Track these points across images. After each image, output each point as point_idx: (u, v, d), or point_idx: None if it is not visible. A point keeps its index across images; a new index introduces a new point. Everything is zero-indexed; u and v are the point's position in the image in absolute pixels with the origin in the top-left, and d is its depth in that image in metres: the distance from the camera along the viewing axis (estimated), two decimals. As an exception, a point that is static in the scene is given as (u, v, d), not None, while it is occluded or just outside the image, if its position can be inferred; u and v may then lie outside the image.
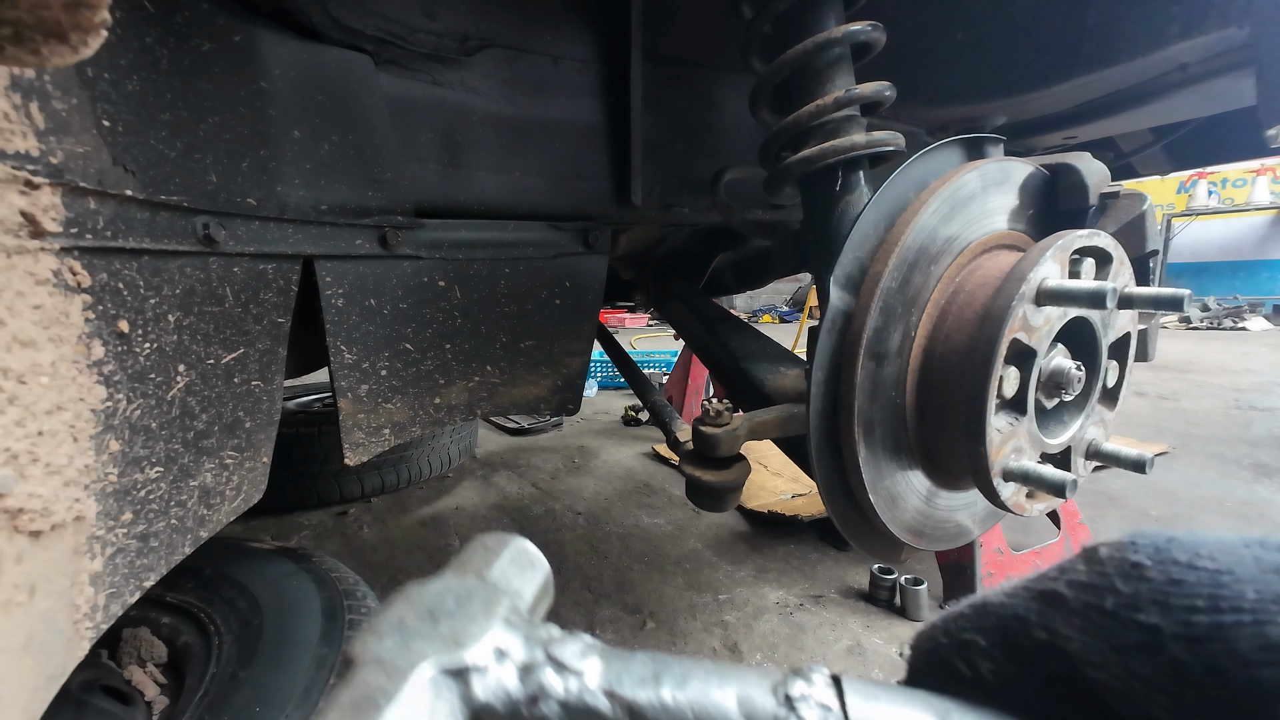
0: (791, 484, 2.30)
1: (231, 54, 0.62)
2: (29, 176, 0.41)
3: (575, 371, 1.05)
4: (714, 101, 1.05)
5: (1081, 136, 1.28)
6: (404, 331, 0.85)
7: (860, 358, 0.54)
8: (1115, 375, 0.64)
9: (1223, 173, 10.35)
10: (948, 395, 0.57)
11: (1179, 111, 1.15)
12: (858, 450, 0.56)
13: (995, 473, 0.55)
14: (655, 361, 4.83)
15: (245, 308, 0.66)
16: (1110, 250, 0.58)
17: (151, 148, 0.54)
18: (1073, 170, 0.64)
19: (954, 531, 0.69)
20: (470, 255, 0.90)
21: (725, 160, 1.04)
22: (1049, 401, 0.60)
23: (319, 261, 0.74)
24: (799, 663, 1.42)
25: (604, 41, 0.94)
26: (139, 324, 0.52)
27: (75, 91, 0.46)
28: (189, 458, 0.59)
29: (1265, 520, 2.09)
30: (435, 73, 0.83)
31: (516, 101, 0.90)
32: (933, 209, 0.55)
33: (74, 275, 0.45)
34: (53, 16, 0.27)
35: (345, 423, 0.83)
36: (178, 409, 0.57)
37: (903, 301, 0.56)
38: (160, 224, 0.55)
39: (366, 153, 0.76)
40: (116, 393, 0.49)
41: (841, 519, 0.62)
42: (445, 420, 0.94)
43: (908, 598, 1.55)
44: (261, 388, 0.69)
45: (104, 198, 0.48)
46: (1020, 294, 0.52)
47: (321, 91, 0.71)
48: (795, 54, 0.70)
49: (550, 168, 0.94)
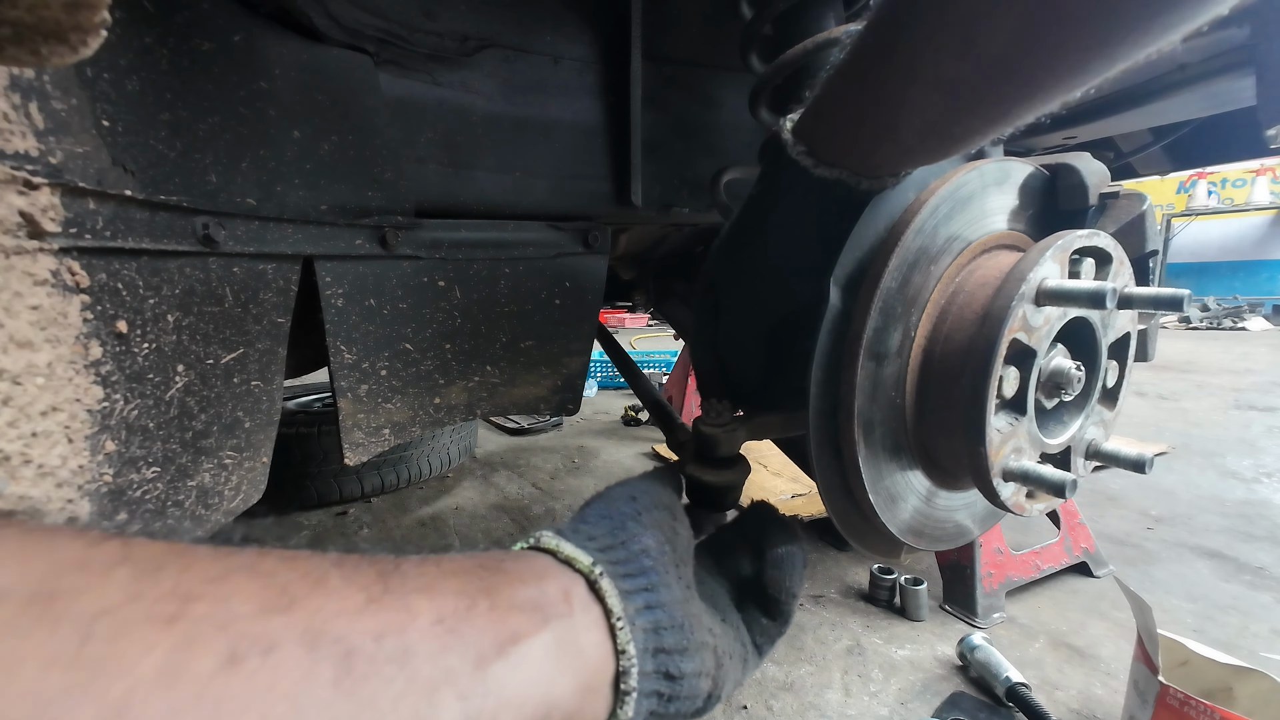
0: (791, 484, 2.30)
1: (231, 54, 0.62)
2: (28, 176, 0.41)
3: (575, 371, 1.05)
4: (714, 101, 1.05)
5: (1081, 136, 1.28)
6: (404, 331, 0.85)
7: (860, 358, 0.54)
8: (1115, 375, 0.64)
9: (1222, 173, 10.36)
10: (948, 395, 0.57)
11: (1179, 111, 1.15)
12: (857, 450, 0.56)
13: (995, 473, 0.55)
14: (655, 361, 4.83)
15: (245, 308, 0.66)
16: (1110, 250, 0.58)
17: (151, 148, 0.54)
18: (1072, 170, 0.64)
19: (954, 531, 0.69)
20: (470, 255, 0.89)
21: (725, 160, 1.04)
22: (1049, 402, 0.60)
23: (319, 261, 0.74)
24: (799, 662, 1.42)
25: (604, 41, 0.94)
26: (138, 324, 0.52)
27: (75, 91, 0.46)
28: (187, 458, 0.59)
29: (1265, 520, 2.09)
30: (435, 73, 0.83)
31: (516, 101, 0.90)
32: (932, 209, 0.55)
33: (73, 275, 0.45)
34: (52, 16, 0.27)
35: (345, 423, 0.83)
36: (176, 409, 0.57)
37: (902, 302, 0.56)
38: (160, 224, 0.55)
39: (366, 153, 0.76)
40: (114, 393, 0.49)
41: (841, 519, 0.62)
42: (445, 420, 0.94)
43: (907, 598, 1.55)
44: (261, 388, 0.69)
45: (103, 198, 0.48)
46: (1020, 294, 0.52)
47: (321, 91, 0.71)
48: (795, 54, 0.70)
49: (550, 168, 0.94)
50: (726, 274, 0.65)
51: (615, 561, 0.40)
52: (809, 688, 1.29)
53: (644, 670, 0.37)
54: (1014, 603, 1.60)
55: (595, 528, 0.42)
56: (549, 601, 0.34)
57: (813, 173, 0.52)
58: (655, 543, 0.43)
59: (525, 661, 0.31)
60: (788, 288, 0.61)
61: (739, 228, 0.63)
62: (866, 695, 1.27)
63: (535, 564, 0.37)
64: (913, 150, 0.48)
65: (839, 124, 0.50)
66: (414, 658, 0.26)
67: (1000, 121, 0.42)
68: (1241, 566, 1.78)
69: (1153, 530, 2.03)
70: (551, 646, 0.32)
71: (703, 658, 0.41)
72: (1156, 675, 0.97)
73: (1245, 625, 1.49)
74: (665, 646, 0.39)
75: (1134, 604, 1.06)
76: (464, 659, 0.28)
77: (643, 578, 0.40)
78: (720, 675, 0.44)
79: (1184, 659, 1.03)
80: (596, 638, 0.36)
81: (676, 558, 0.44)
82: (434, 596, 0.29)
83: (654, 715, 0.39)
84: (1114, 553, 1.86)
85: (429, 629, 0.28)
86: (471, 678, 0.28)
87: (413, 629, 0.27)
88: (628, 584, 0.39)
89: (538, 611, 0.33)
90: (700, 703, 0.42)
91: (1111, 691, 1.26)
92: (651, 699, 0.38)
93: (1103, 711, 1.21)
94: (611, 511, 0.44)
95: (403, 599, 0.28)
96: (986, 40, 0.35)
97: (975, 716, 1.19)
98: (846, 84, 0.46)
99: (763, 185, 0.59)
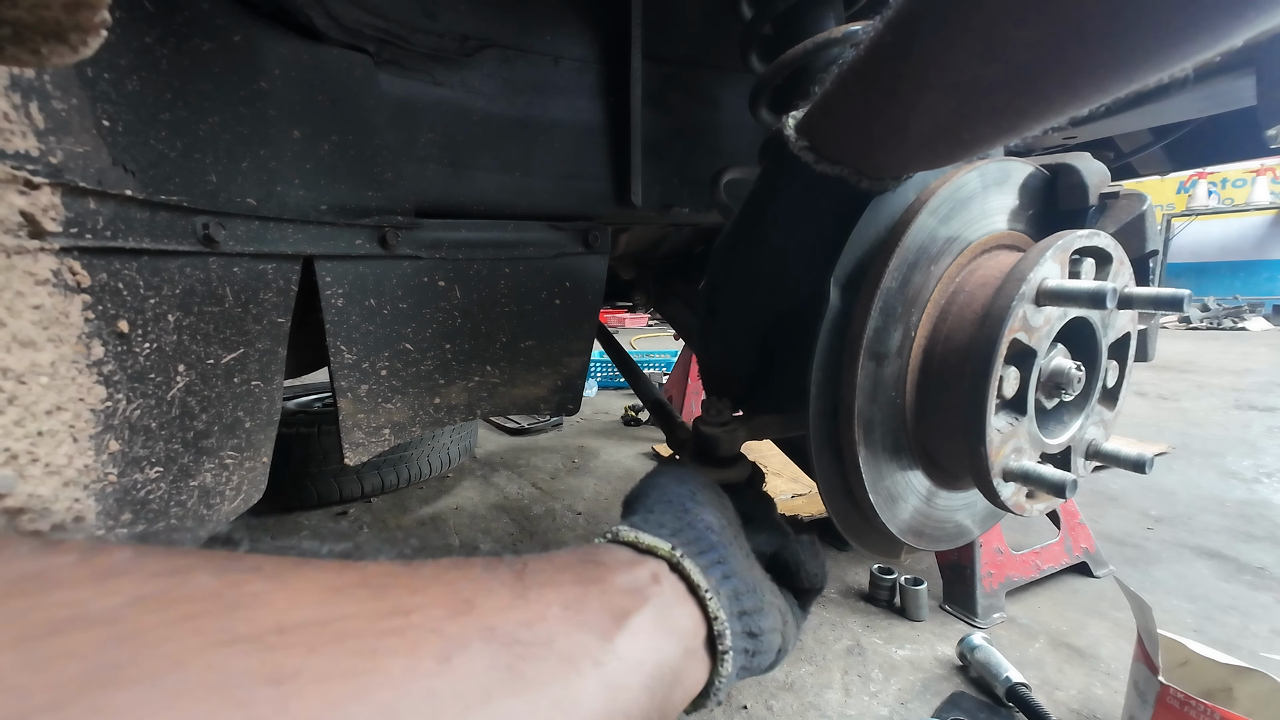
0: (791, 484, 2.31)
1: (231, 54, 0.62)
2: (29, 176, 0.41)
3: (575, 371, 1.05)
4: (714, 101, 1.05)
5: (1081, 136, 1.28)
6: (404, 331, 0.85)
7: (860, 358, 0.54)
8: (1115, 375, 0.64)
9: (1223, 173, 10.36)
10: (948, 395, 0.57)
11: (1179, 112, 1.15)
12: (858, 450, 0.56)
13: (995, 473, 0.55)
14: (655, 361, 4.83)
15: (245, 308, 0.66)
16: (1110, 250, 0.58)
17: (151, 148, 0.54)
18: (1073, 170, 0.64)
19: (954, 531, 0.69)
20: (470, 255, 0.90)
21: (725, 160, 1.04)
22: (1049, 402, 0.60)
23: (319, 261, 0.74)
24: (799, 662, 1.42)
25: (604, 41, 0.94)
26: (139, 324, 0.52)
27: (75, 91, 0.46)
28: (189, 458, 0.59)
29: (1265, 520, 2.09)
30: (435, 73, 0.83)
31: (517, 101, 0.90)
32: (932, 209, 0.55)
33: (74, 275, 0.45)
34: (53, 16, 0.27)
35: (345, 423, 0.83)
36: (177, 409, 0.57)
37: (903, 301, 0.56)
38: (160, 224, 0.55)
39: (366, 153, 0.76)
40: (116, 393, 0.49)
41: (841, 519, 0.62)
42: (445, 420, 0.94)
43: (907, 598, 1.55)
44: (261, 388, 0.69)
45: (104, 198, 0.48)
46: (1020, 294, 0.52)
47: (321, 91, 0.71)
48: (795, 54, 0.70)
49: (550, 168, 0.94)
50: (724, 270, 0.66)
51: (688, 542, 0.45)
52: (809, 688, 1.29)
53: (734, 631, 0.44)
54: (1014, 603, 1.60)
55: (662, 515, 0.48)
56: (643, 584, 0.41)
57: (814, 169, 0.52)
58: (715, 519, 0.49)
59: (639, 632, 0.37)
60: (784, 285, 0.61)
61: (738, 225, 0.63)
62: (866, 695, 1.27)
63: (621, 555, 0.43)
64: (919, 153, 0.48)
65: (846, 121, 0.49)
66: (556, 639, 0.32)
67: (1010, 131, 0.42)
68: (1241, 567, 1.78)
69: (1153, 530, 2.03)
70: (655, 619, 0.39)
71: (774, 615, 0.48)
72: (1156, 675, 0.97)
73: (1245, 625, 1.49)
74: (746, 609, 0.45)
75: (1134, 604, 1.06)
76: (592, 634, 0.35)
77: (713, 552, 0.46)
78: (786, 631, 0.51)
79: (1184, 659, 1.03)
80: (688, 609, 0.42)
81: (733, 530, 0.51)
82: (558, 588, 0.36)
83: (743, 670, 0.46)
84: (1114, 553, 1.86)
85: (561, 614, 0.34)
86: (601, 648, 0.34)
87: (550, 616, 0.33)
88: (704, 560, 0.45)
89: (637, 593, 0.39)
90: (774, 655, 0.49)
91: (1111, 691, 1.26)
92: (741, 655, 0.45)
93: (1103, 711, 1.21)
94: (670, 496, 0.50)
95: (538, 593, 0.34)
96: (1009, 49, 0.35)
97: (975, 716, 1.19)
98: (857, 82, 0.46)
99: (763, 182, 0.59)
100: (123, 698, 0.19)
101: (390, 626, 0.27)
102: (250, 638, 0.23)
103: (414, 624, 0.27)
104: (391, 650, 0.25)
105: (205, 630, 0.22)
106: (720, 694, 0.44)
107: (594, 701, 0.32)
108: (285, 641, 0.23)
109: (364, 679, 0.24)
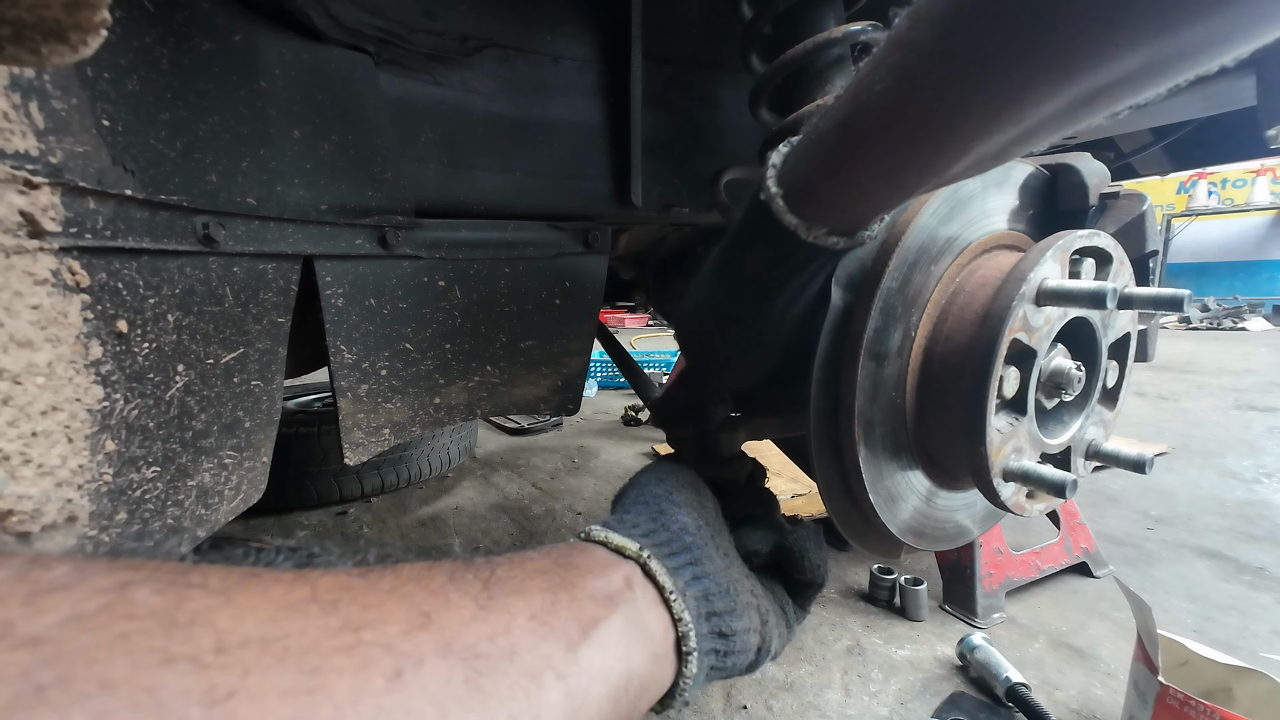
0: (791, 484, 2.30)
1: (231, 54, 0.62)
2: (28, 176, 0.41)
3: (575, 371, 1.05)
4: (714, 101, 1.05)
5: (1081, 136, 1.28)
6: (404, 331, 0.85)
7: (860, 358, 0.54)
8: (1115, 375, 0.64)
9: (1223, 173, 10.36)
10: (948, 395, 0.57)
11: (1179, 112, 1.15)
12: (858, 450, 0.56)
13: (995, 473, 0.55)
14: (655, 361, 4.83)
15: (245, 307, 0.66)
16: (1110, 250, 0.58)
17: (151, 147, 0.54)
18: (1073, 170, 0.64)
19: (954, 531, 0.69)
20: (470, 255, 0.89)
21: (725, 160, 1.04)
22: (1049, 402, 0.60)
23: (319, 261, 0.74)
24: (798, 662, 1.42)
25: (604, 41, 0.94)
26: (138, 324, 0.52)
27: (75, 91, 0.46)
28: (187, 457, 0.59)
29: (1265, 520, 2.09)
30: (435, 73, 0.83)
31: (516, 101, 0.89)
32: (933, 209, 0.55)
33: (73, 275, 0.45)
34: (53, 16, 0.27)
35: (345, 422, 0.83)
36: (176, 409, 0.57)
37: (903, 301, 0.56)
38: (160, 224, 0.55)
39: (366, 153, 0.76)
40: (114, 393, 0.49)
41: (841, 519, 0.62)
42: (445, 420, 0.94)
43: (907, 598, 1.55)
44: (261, 387, 0.69)
45: (103, 197, 0.48)
46: (1020, 294, 0.52)
47: (321, 91, 0.71)
48: (795, 54, 0.70)
49: (550, 168, 0.94)
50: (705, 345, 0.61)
51: (660, 543, 0.45)
52: (809, 688, 1.29)
53: (700, 633, 0.43)
54: (1014, 603, 1.60)
55: (637, 515, 0.48)
56: (614, 589, 0.40)
57: (803, 238, 0.45)
58: (691, 519, 0.48)
59: (605, 641, 0.36)
60: (775, 351, 0.58)
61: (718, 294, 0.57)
62: (866, 695, 1.27)
63: (596, 556, 0.43)
64: (909, 195, 0.43)
65: (837, 189, 0.43)
66: (519, 650, 0.32)
67: (1001, 160, 0.39)
68: (1241, 567, 1.78)
69: (1153, 530, 2.03)
70: (623, 626, 0.38)
71: (749, 616, 0.47)
72: (1156, 675, 0.97)
73: (1245, 625, 1.49)
74: (715, 610, 0.45)
75: (1134, 604, 1.06)
76: (557, 646, 0.34)
77: (686, 554, 0.46)
78: (766, 631, 0.50)
79: (1184, 659, 1.03)
80: (658, 613, 0.41)
81: (711, 529, 0.50)
82: (525, 596, 0.35)
83: (715, 670, 0.45)
84: (1114, 553, 1.86)
85: (526, 625, 0.33)
86: (565, 660, 0.34)
87: (515, 627, 0.33)
88: (674, 561, 0.44)
89: (607, 599, 0.39)
90: (753, 655, 0.48)
91: (1111, 691, 1.26)
92: (710, 656, 0.44)
93: (1103, 711, 1.21)
94: (646, 497, 0.50)
95: (503, 602, 0.34)
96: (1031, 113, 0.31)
97: (975, 716, 1.19)
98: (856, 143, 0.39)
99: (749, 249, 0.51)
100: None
101: (339, 644, 0.26)
102: (187, 657, 0.22)
103: (364, 640, 0.27)
104: (338, 668, 0.25)
105: (140, 650, 0.21)
106: (686, 695, 0.43)
107: (555, 713, 0.31)
108: (223, 661, 0.22)
109: (304, 699, 0.23)
